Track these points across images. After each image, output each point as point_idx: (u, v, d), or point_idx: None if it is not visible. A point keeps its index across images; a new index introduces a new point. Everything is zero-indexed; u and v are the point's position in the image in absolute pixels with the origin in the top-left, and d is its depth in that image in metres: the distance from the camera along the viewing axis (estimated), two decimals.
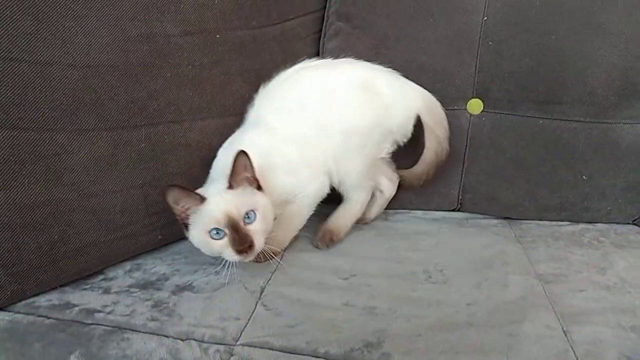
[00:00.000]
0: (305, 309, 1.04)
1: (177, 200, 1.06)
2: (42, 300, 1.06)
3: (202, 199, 1.07)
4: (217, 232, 1.06)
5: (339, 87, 1.29)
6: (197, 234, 1.08)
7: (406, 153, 1.42)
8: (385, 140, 1.35)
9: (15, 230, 1.01)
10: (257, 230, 1.08)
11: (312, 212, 1.29)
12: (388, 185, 1.43)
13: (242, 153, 1.08)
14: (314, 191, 1.28)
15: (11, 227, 1.01)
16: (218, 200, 1.07)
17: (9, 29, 0.98)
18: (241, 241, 1.05)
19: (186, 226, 1.09)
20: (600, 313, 1.04)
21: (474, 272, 1.18)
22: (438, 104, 1.39)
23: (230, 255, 1.07)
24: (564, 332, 0.99)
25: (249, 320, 1.00)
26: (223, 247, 1.07)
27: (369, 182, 1.35)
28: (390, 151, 1.38)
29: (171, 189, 1.04)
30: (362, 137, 1.28)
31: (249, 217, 1.08)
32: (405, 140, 1.38)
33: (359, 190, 1.34)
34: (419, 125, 1.39)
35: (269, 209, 1.12)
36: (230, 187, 1.09)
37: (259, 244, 1.07)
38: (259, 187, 1.13)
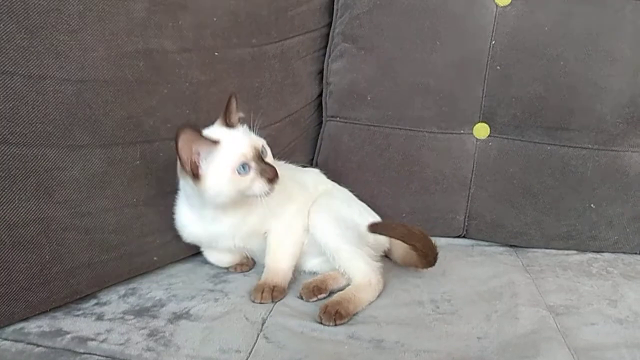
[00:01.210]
0: (309, 342, 0.99)
1: (189, 144, 1.02)
2: (32, 327, 0.99)
3: (215, 141, 1.05)
4: (244, 168, 1.05)
5: None
6: (221, 175, 1.04)
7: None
8: None
9: (3, 249, 0.96)
10: (273, 164, 1.10)
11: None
12: None
13: (234, 95, 1.11)
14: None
15: (0, 246, 0.95)
16: (235, 137, 1.08)
17: (2, 41, 0.94)
18: (270, 170, 1.07)
19: (196, 175, 1.04)
20: (614, 348, 1.01)
21: (483, 303, 1.14)
22: None
23: (261, 186, 1.06)
24: None
25: (250, 353, 0.94)
26: (253, 181, 1.06)
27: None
28: None
29: (185, 130, 1.00)
30: None
31: (264, 151, 1.10)
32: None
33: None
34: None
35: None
36: (231, 126, 1.11)
37: (279, 175, 1.08)
38: None
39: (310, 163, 1.59)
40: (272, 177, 1.07)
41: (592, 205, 1.39)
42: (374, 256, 1.20)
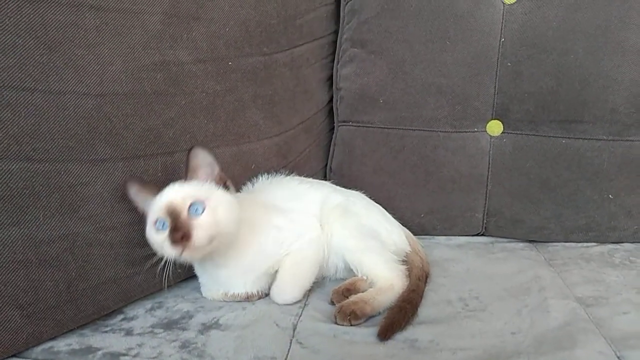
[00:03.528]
0: (343, 345, 0.97)
1: (136, 194, 1.05)
2: (61, 345, 0.98)
3: (158, 191, 1.04)
4: (163, 224, 1.00)
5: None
6: (148, 227, 1.03)
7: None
8: None
9: (30, 268, 0.95)
10: (200, 224, 1.00)
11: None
12: None
13: (197, 149, 1.05)
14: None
15: (26, 265, 0.94)
16: (168, 190, 1.03)
17: (21, 58, 0.93)
18: (176, 228, 0.97)
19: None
20: None
21: (512, 299, 1.13)
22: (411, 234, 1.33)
23: (168, 248, 0.98)
24: (618, 357, 0.93)
25: (285, 359, 0.93)
26: (163, 240, 0.99)
27: None
28: None
29: (131, 182, 1.04)
30: None
31: (195, 210, 1.00)
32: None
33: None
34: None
35: (226, 207, 1.04)
36: (186, 180, 1.06)
37: (198, 238, 0.98)
38: (226, 187, 1.08)
39: (325, 169, 1.59)
40: (174, 239, 0.97)
41: (610, 196, 1.39)
42: (396, 261, 1.19)
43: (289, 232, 1.16)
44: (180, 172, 1.16)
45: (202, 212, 1.01)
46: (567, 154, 1.40)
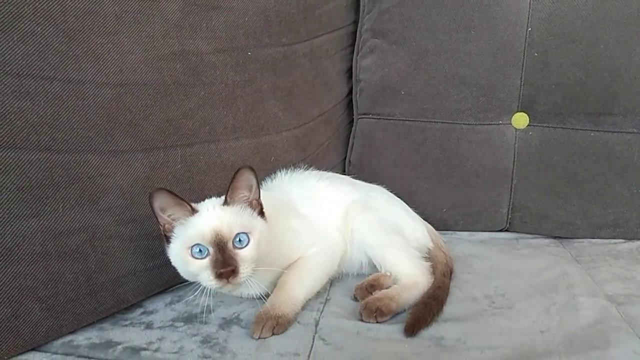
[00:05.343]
0: (367, 342, 0.95)
1: (163, 207, 0.95)
2: (81, 339, 0.97)
3: (193, 211, 0.96)
4: (200, 250, 0.94)
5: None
6: (177, 248, 0.96)
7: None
8: None
9: (50, 260, 0.93)
10: (245, 257, 0.95)
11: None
12: None
13: (247, 169, 0.97)
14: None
15: (46, 257, 0.93)
16: (210, 214, 0.96)
17: (40, 46, 0.92)
18: (224, 263, 0.92)
19: (167, 239, 0.97)
20: None
21: (539, 296, 1.10)
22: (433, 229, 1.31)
23: (208, 279, 0.93)
24: None
25: (309, 356, 0.91)
26: (201, 269, 0.94)
27: None
28: None
29: (160, 192, 0.93)
30: None
31: (240, 241, 0.96)
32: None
33: None
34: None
35: (266, 239, 0.99)
36: (226, 203, 0.98)
37: (244, 272, 0.94)
38: (262, 214, 1.02)
39: (344, 162, 1.57)
40: (221, 272, 0.92)
41: (639, 191, 1.35)
42: (420, 257, 1.16)
43: (307, 237, 1.12)
44: (199, 163, 1.15)
45: (247, 244, 0.96)
46: (596, 147, 1.36)
